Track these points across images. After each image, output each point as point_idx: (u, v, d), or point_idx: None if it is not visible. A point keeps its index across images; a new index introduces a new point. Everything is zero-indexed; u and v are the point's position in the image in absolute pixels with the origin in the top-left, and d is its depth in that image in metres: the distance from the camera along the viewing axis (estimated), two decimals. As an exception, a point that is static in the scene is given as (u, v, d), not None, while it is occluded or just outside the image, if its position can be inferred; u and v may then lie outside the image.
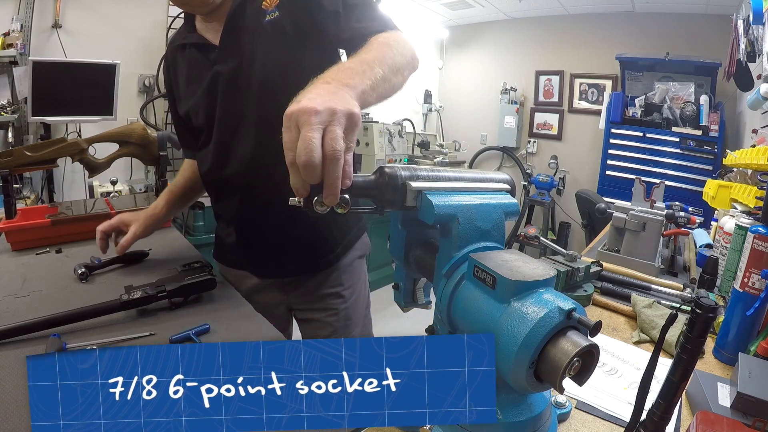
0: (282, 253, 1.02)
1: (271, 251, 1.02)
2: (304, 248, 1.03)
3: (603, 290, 1.09)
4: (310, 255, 1.04)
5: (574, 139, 4.50)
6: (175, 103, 1.04)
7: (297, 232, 0.99)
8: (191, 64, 0.97)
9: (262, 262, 1.05)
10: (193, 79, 0.97)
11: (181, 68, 1.00)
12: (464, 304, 0.51)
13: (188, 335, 0.77)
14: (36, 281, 0.99)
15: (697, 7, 3.51)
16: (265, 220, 0.98)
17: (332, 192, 0.46)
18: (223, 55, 0.91)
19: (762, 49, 2.13)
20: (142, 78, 2.88)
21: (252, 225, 1.01)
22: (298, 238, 1.01)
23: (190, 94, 0.98)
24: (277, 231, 0.98)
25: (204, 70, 0.94)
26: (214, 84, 0.92)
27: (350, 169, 0.48)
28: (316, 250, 1.04)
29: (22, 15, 2.40)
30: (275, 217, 0.96)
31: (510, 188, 0.64)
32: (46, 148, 1.23)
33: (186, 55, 0.98)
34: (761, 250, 0.78)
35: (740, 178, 1.74)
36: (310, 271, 1.06)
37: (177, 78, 1.01)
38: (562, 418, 0.62)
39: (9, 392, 0.62)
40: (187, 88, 0.98)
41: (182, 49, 0.99)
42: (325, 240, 1.05)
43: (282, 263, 1.04)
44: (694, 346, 0.45)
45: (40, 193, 2.54)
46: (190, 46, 0.97)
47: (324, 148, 0.45)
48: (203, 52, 0.95)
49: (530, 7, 4.25)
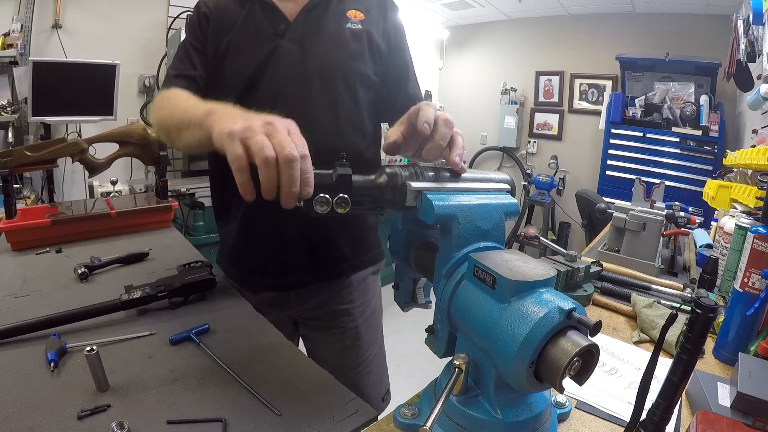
0: (285, 260, 0.96)
1: (274, 255, 0.96)
2: (311, 256, 0.97)
3: (603, 290, 1.09)
4: (316, 264, 0.98)
5: (574, 139, 4.50)
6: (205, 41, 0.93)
7: (303, 236, 0.94)
8: (248, 21, 0.91)
9: (264, 269, 0.98)
10: (247, 37, 0.90)
11: (233, 15, 0.92)
12: (464, 304, 0.51)
13: (188, 335, 0.77)
14: (36, 281, 0.99)
15: (697, 7, 3.51)
16: (271, 220, 0.92)
17: (287, 194, 0.48)
18: (294, 35, 0.89)
19: (762, 49, 2.13)
20: (142, 78, 2.88)
21: (256, 223, 0.95)
22: (303, 244, 0.95)
23: (236, 51, 0.91)
24: (282, 232, 0.93)
25: (263, 36, 0.89)
26: (271, 57, 0.88)
27: (309, 176, 0.49)
28: (323, 259, 0.98)
29: (22, 15, 2.40)
30: (282, 218, 0.89)
31: (510, 188, 0.64)
32: (46, 148, 1.23)
33: (245, 8, 0.92)
34: (761, 250, 0.78)
35: (740, 178, 1.74)
36: (315, 281, 1.00)
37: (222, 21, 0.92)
38: (562, 418, 0.62)
39: (9, 392, 0.62)
40: (235, 40, 0.90)
41: (243, 2, 0.92)
42: (335, 248, 0.99)
43: (284, 272, 0.97)
44: (694, 346, 0.45)
45: (40, 193, 2.54)
46: (257, 4, 0.91)
47: (276, 150, 0.48)
48: (271, 17, 0.90)
49: (530, 7, 4.24)
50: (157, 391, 0.63)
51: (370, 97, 0.96)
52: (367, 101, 0.96)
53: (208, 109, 0.62)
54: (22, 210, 1.26)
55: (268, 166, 0.47)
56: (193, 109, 0.67)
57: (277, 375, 0.70)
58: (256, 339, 0.80)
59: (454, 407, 0.52)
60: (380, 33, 0.96)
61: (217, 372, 0.69)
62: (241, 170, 0.48)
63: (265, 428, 0.58)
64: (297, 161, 0.47)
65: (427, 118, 0.57)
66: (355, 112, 0.94)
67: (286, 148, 0.47)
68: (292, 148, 0.48)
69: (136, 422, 0.56)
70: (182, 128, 0.69)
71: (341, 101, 0.92)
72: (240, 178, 0.49)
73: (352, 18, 0.93)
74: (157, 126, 0.80)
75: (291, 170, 0.47)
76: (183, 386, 0.65)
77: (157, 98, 0.85)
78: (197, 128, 0.63)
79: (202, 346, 0.75)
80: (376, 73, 0.96)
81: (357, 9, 0.95)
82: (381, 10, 0.98)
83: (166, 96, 0.82)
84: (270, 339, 0.81)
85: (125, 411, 0.59)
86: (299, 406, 0.62)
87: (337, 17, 0.93)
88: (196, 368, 0.69)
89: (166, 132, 0.77)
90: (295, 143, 0.49)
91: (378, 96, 0.98)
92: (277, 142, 0.48)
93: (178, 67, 0.92)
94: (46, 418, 0.56)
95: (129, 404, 0.60)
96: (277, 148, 0.48)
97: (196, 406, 0.61)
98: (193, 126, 0.64)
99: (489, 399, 0.50)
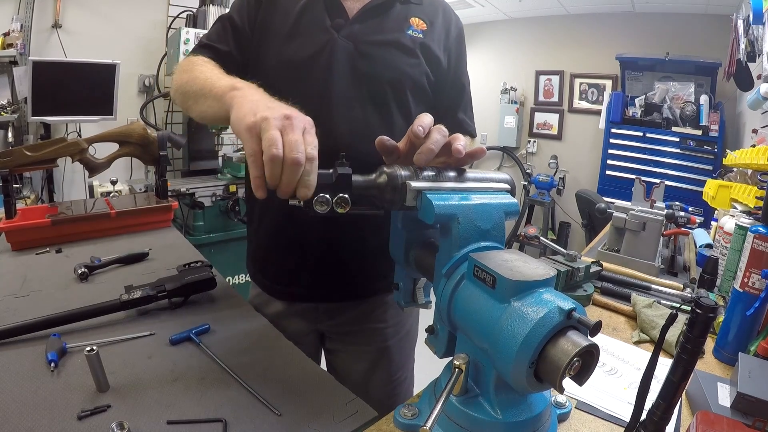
0: (317, 271, 0.91)
1: (303, 265, 0.91)
2: (345, 270, 0.91)
3: (603, 290, 1.09)
4: (351, 279, 0.93)
5: (574, 139, 4.50)
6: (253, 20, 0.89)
7: (335, 250, 0.89)
8: (307, 8, 0.87)
9: (296, 280, 0.92)
10: (304, 25, 0.87)
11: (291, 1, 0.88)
12: (464, 304, 0.51)
13: (188, 335, 0.77)
14: (36, 281, 0.99)
15: (697, 7, 3.51)
16: (300, 228, 0.88)
17: (284, 191, 0.49)
18: (350, 32, 0.85)
19: (762, 49, 2.13)
20: (142, 78, 2.88)
21: (287, 229, 0.90)
22: (336, 256, 0.90)
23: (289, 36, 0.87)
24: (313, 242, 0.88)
25: (320, 27, 0.86)
26: (323, 49, 0.84)
27: (310, 179, 0.49)
28: (358, 276, 0.93)
29: (22, 15, 2.40)
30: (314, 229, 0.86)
31: (510, 188, 0.64)
32: (46, 148, 1.23)
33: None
34: (761, 250, 0.77)
35: (740, 178, 1.74)
36: (350, 297, 0.95)
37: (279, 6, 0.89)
38: (562, 418, 0.62)
39: (9, 392, 0.62)
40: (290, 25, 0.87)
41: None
42: (371, 265, 0.92)
43: (316, 284, 0.92)
44: (694, 346, 0.45)
45: (40, 193, 2.54)
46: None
47: (284, 149, 0.48)
48: (330, 9, 0.87)
49: (530, 7, 4.24)
50: (157, 391, 0.63)
51: (420, 108, 0.91)
52: (419, 110, 0.88)
53: (232, 84, 0.61)
54: (22, 210, 1.26)
55: (273, 163, 0.48)
56: (215, 79, 0.67)
57: (277, 375, 0.70)
58: (256, 339, 0.80)
59: (454, 407, 0.52)
60: (441, 47, 0.93)
61: (217, 372, 0.69)
62: (255, 165, 0.49)
63: (265, 428, 0.58)
64: (300, 166, 0.48)
65: (422, 122, 0.57)
66: (405, 118, 0.89)
67: (294, 151, 0.48)
68: (299, 151, 0.48)
69: (136, 422, 0.56)
70: (200, 96, 0.68)
71: (391, 107, 0.88)
72: (254, 172, 0.50)
73: (414, 26, 0.90)
74: (175, 88, 0.80)
75: (292, 173, 0.48)
76: (183, 386, 0.65)
77: (182, 62, 0.84)
78: (215, 101, 0.63)
79: (202, 346, 0.75)
80: (431, 85, 0.92)
81: (421, 18, 0.91)
82: (445, 24, 0.95)
83: (192, 61, 0.81)
84: (270, 339, 0.81)
85: (125, 411, 0.59)
86: (299, 406, 0.62)
87: (398, 22, 0.89)
88: (196, 368, 0.69)
89: (183, 96, 0.76)
90: (306, 144, 0.49)
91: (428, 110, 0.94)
92: (287, 141, 0.49)
93: (212, 37, 0.90)
94: (46, 418, 0.57)
95: (129, 404, 0.60)
96: (286, 147, 0.48)
97: (196, 406, 0.61)
98: (212, 97, 0.64)
99: (489, 399, 0.50)
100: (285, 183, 0.49)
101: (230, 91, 0.59)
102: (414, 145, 0.59)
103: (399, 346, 1.02)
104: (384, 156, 0.61)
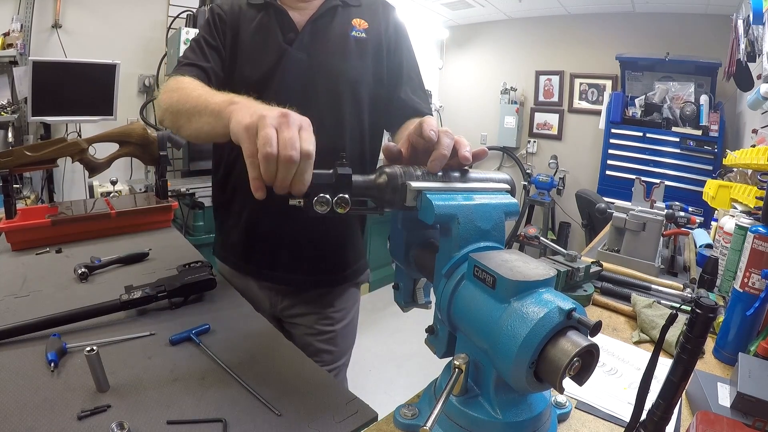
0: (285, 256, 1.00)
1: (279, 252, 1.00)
2: (316, 258, 1.01)
3: (603, 290, 1.09)
4: (324, 267, 1.02)
5: (574, 139, 4.50)
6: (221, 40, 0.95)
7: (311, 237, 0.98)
8: (261, 27, 0.94)
9: (266, 261, 1.01)
10: (259, 43, 0.94)
11: (247, 20, 0.95)
12: (464, 304, 0.51)
13: (188, 335, 0.77)
14: (36, 281, 0.99)
15: (697, 7, 3.51)
16: (281, 220, 0.95)
17: (279, 188, 0.50)
18: (301, 44, 0.93)
19: (762, 49, 2.13)
20: (142, 78, 2.87)
21: (263, 222, 0.98)
22: (311, 244, 0.99)
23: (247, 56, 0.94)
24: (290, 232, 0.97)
25: (273, 44, 0.93)
26: (279, 64, 0.92)
27: (304, 177, 0.50)
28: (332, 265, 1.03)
29: (22, 15, 2.39)
30: (294, 221, 0.93)
31: (510, 188, 0.64)
32: (46, 148, 1.23)
33: (259, 14, 0.95)
34: (761, 250, 0.78)
35: (740, 178, 1.74)
36: (319, 286, 1.04)
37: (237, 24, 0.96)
38: (562, 418, 0.62)
39: (9, 392, 0.62)
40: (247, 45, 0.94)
41: (258, 8, 0.95)
42: (341, 255, 1.03)
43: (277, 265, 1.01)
44: (694, 346, 0.45)
45: (40, 193, 2.54)
46: (271, 10, 0.94)
47: (279, 146, 0.49)
48: (282, 25, 0.94)
49: (530, 7, 4.24)
50: (157, 391, 0.63)
51: (372, 99, 1.00)
52: (369, 103, 0.99)
53: (230, 99, 0.62)
54: (22, 210, 1.26)
55: (267, 161, 0.48)
56: (209, 96, 0.68)
57: (277, 375, 0.70)
58: (256, 339, 0.80)
59: (454, 407, 0.52)
60: (384, 37, 1.00)
61: (217, 372, 0.69)
62: (253, 166, 0.50)
63: (265, 428, 0.58)
64: (295, 164, 0.49)
65: (432, 126, 0.58)
66: (356, 115, 0.97)
67: (288, 148, 0.48)
68: (294, 148, 0.49)
69: (136, 422, 0.56)
70: (194, 114, 0.69)
71: (345, 107, 0.95)
72: (252, 173, 0.50)
73: (357, 26, 0.97)
74: (164, 108, 0.79)
75: (287, 170, 0.49)
76: (183, 386, 0.65)
77: (168, 82, 0.84)
78: (212, 117, 0.63)
79: (202, 346, 0.75)
80: (380, 77, 0.99)
81: (362, 17, 0.98)
82: (384, 14, 1.02)
83: (179, 80, 0.81)
84: (270, 339, 0.81)
85: (125, 411, 0.59)
86: (299, 406, 0.62)
87: (342, 26, 0.96)
88: (196, 368, 0.69)
89: (174, 115, 0.76)
90: (303, 140, 0.50)
91: (384, 101, 1.01)
92: (282, 139, 0.49)
93: (190, 57, 0.92)
94: (46, 418, 0.56)
95: (129, 404, 0.60)
96: (281, 145, 0.49)
97: (196, 406, 0.61)
98: (209, 114, 0.65)
99: (489, 399, 0.50)
100: (280, 179, 0.49)
101: (229, 105, 0.60)
102: (416, 148, 0.60)
103: (343, 333, 1.10)
104: (389, 162, 0.62)
